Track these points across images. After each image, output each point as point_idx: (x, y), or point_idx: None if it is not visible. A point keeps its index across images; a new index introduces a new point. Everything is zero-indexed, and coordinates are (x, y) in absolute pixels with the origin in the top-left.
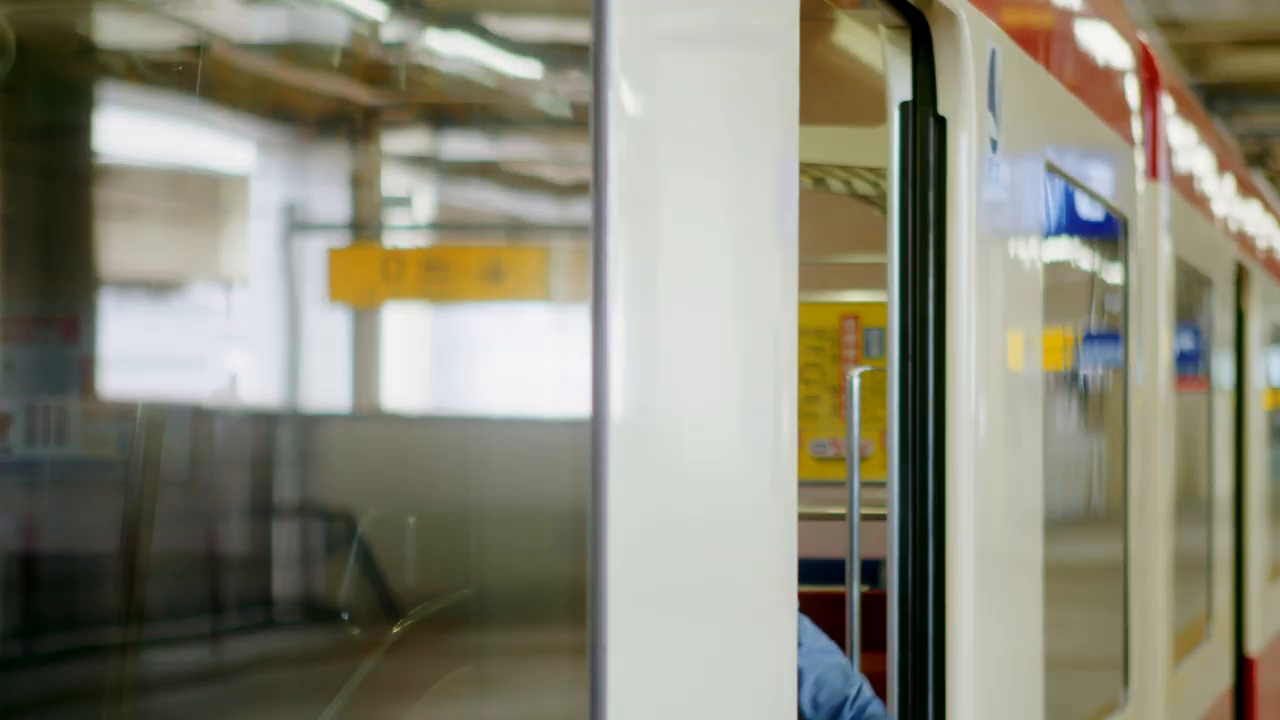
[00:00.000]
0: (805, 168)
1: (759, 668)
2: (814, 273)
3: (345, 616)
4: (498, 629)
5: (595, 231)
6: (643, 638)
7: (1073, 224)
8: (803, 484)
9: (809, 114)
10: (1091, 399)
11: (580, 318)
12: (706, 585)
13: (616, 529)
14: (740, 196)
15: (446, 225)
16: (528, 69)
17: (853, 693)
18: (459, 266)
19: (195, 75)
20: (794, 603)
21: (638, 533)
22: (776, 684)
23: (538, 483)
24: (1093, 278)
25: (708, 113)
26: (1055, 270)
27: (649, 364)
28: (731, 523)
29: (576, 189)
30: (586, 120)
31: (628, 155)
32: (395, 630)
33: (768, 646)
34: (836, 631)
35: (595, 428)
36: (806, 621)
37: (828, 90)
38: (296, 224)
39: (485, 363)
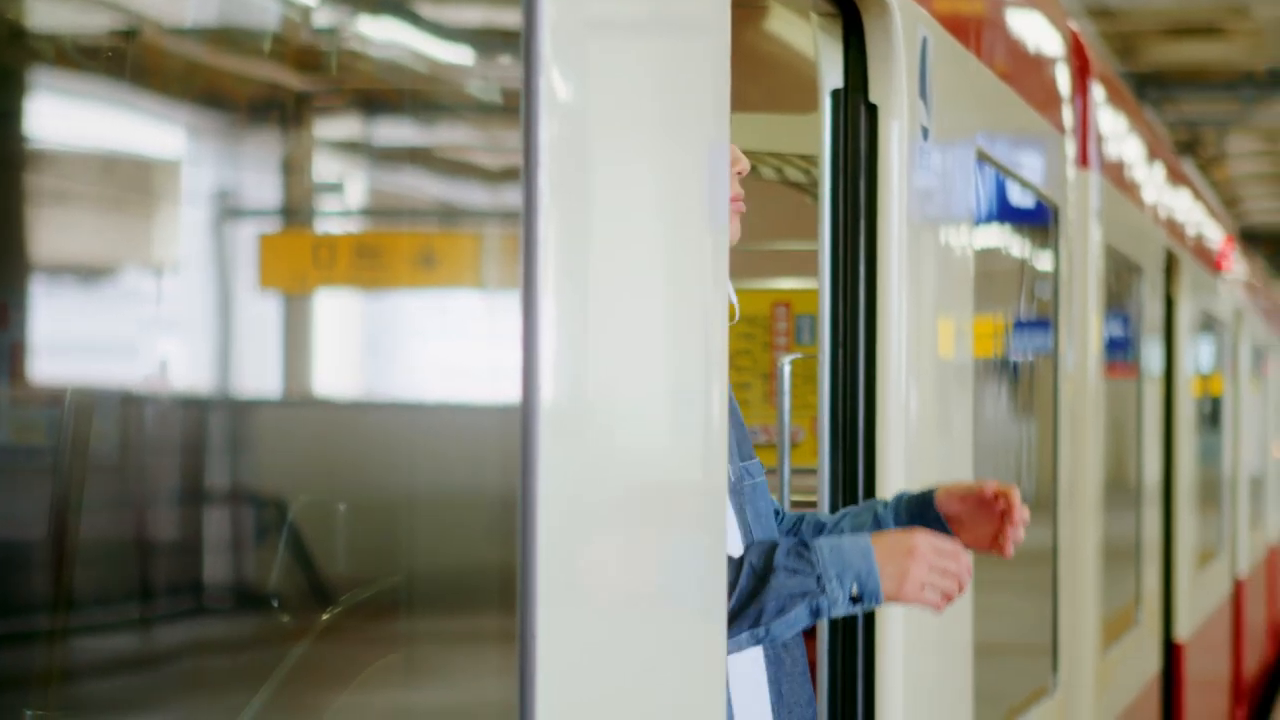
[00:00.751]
0: None
1: (690, 653)
2: (746, 260)
3: (275, 603)
4: (428, 615)
5: (526, 218)
6: (572, 624)
7: (1003, 211)
8: None
9: (741, 101)
10: (1022, 386)
11: (511, 304)
12: (637, 571)
13: (546, 515)
14: (672, 183)
15: (378, 211)
16: (459, 55)
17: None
18: (391, 252)
19: (125, 60)
20: (724, 589)
21: (568, 519)
22: (707, 668)
23: (468, 469)
24: (1023, 265)
25: (639, 99)
26: (986, 257)
27: (579, 350)
28: (662, 509)
29: (508, 175)
30: (518, 106)
31: (559, 142)
32: (325, 617)
33: (699, 632)
34: None
35: (525, 414)
36: None
37: (760, 77)
38: (227, 210)
39: (417, 349)
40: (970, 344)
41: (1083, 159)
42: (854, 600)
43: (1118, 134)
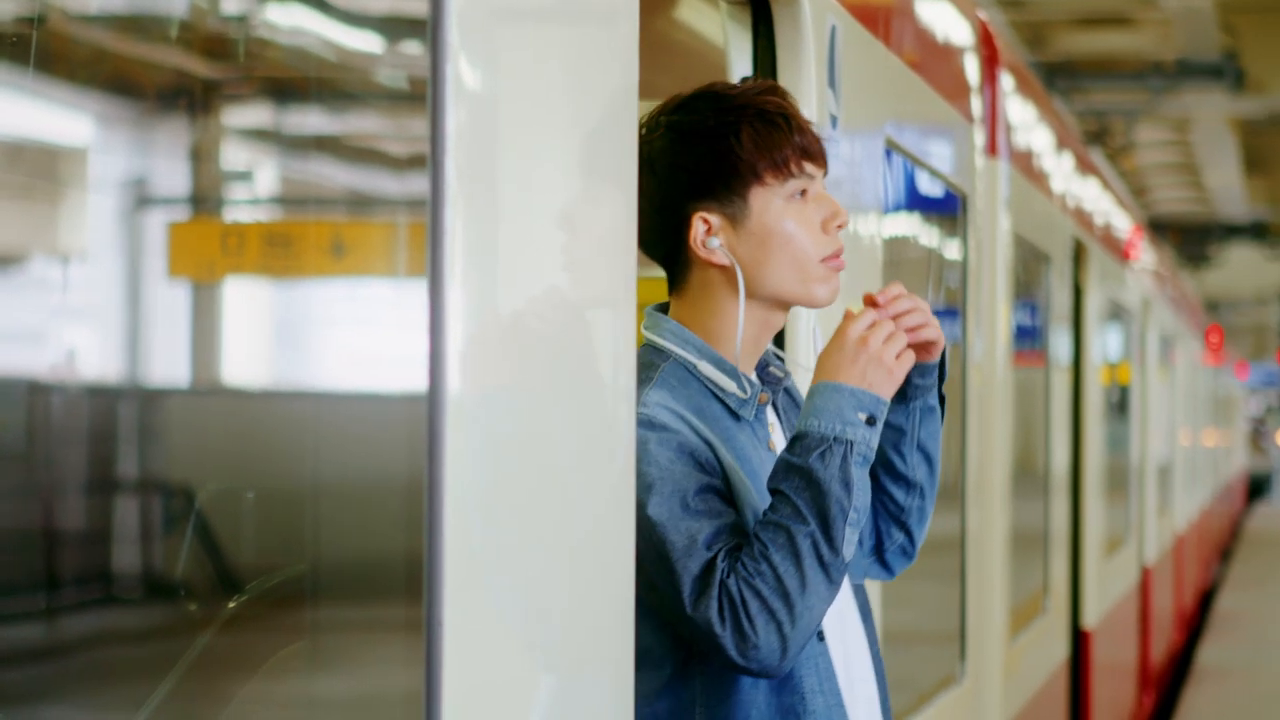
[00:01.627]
0: None
1: (597, 642)
2: None
3: (182, 592)
4: (334, 604)
5: (433, 206)
6: (480, 613)
7: (912, 200)
8: None
9: (651, 90)
10: None
11: (419, 293)
12: (544, 559)
13: (453, 504)
14: (580, 172)
15: (287, 200)
16: (367, 43)
17: None
18: (300, 241)
19: (31, 47)
20: (632, 575)
21: (474, 508)
22: (615, 658)
23: (376, 458)
24: (932, 254)
25: (548, 88)
26: (895, 246)
27: (486, 339)
28: (569, 497)
29: (416, 164)
30: (425, 95)
31: (466, 130)
32: (232, 605)
33: (606, 620)
34: None
35: (432, 403)
36: None
37: (669, 66)
38: (135, 198)
39: (325, 338)
40: None
41: (991, 148)
42: (871, 423)
43: (1026, 123)
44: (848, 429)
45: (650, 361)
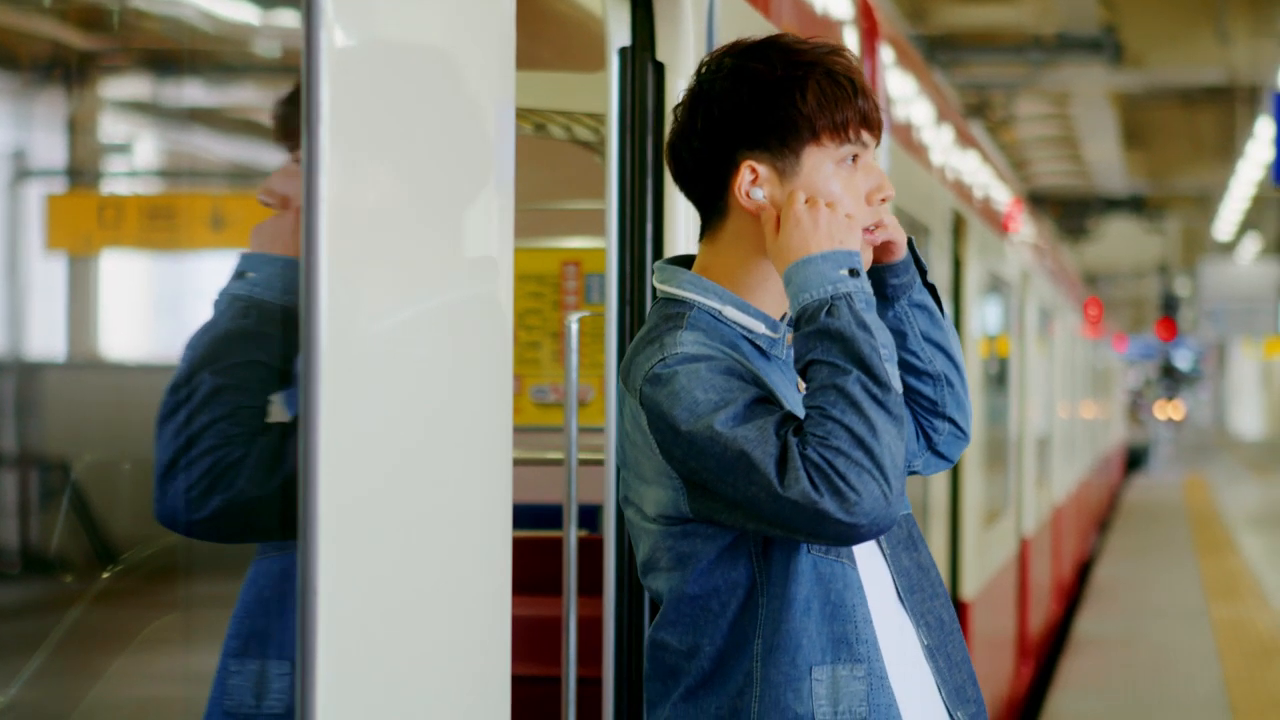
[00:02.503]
0: (526, 113)
1: (473, 611)
2: (536, 219)
3: (58, 565)
4: (208, 575)
5: (308, 175)
6: (354, 582)
7: None
8: (524, 430)
9: (530, 59)
10: None
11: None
12: (420, 531)
13: (328, 475)
14: (457, 142)
15: (165, 172)
16: (241, 12)
17: None
18: (178, 214)
19: None
20: (509, 548)
21: (350, 478)
22: (491, 626)
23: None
24: None
25: (423, 58)
26: None
27: (361, 309)
28: (447, 469)
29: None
30: (299, 65)
31: (341, 99)
32: (105, 577)
33: (482, 589)
34: (553, 576)
35: (307, 374)
36: None
37: (548, 36)
38: (12, 171)
39: (203, 310)
40: None
41: None
42: (854, 274)
43: (906, 96)
44: (839, 285)
45: (673, 312)
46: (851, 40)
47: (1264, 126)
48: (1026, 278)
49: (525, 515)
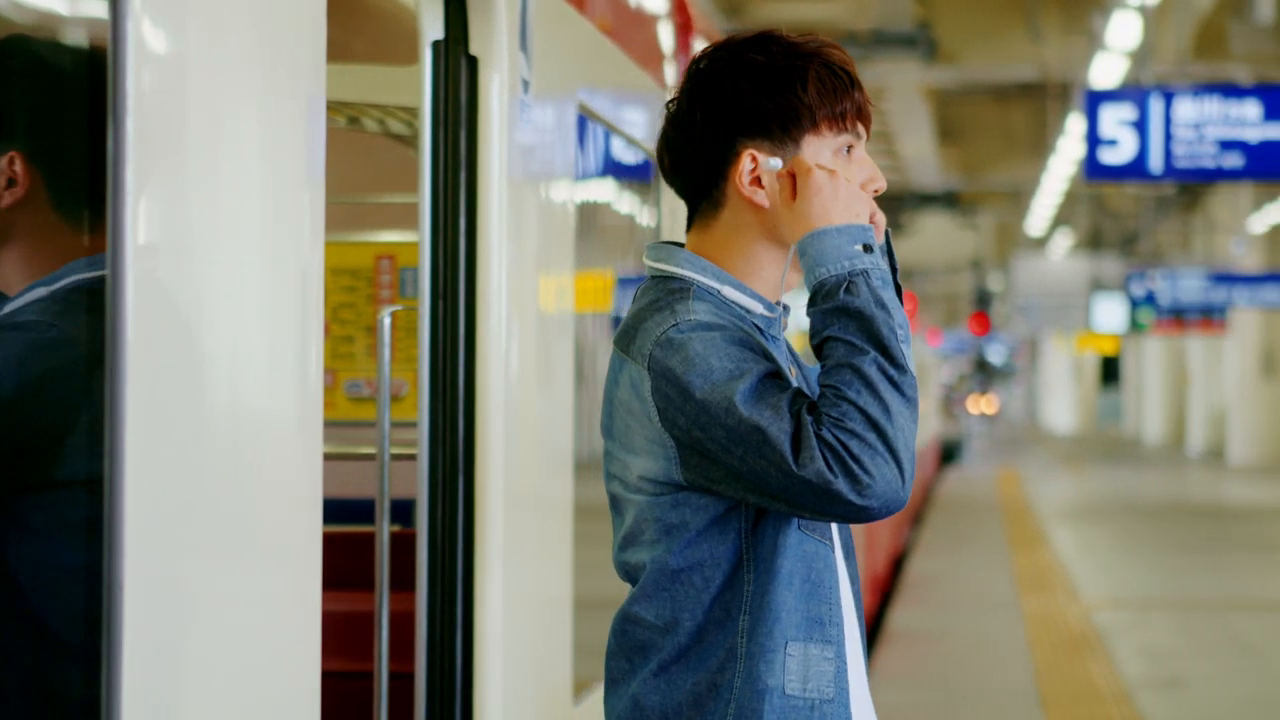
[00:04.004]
0: (339, 106)
1: (282, 607)
2: (350, 212)
3: None
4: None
5: (114, 168)
6: (163, 577)
7: (606, 166)
8: (339, 424)
9: (343, 52)
10: None
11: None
12: (231, 526)
13: (135, 469)
14: (267, 135)
15: None
16: (49, 2)
17: None
18: None
19: None
20: (319, 543)
21: (159, 473)
22: (301, 622)
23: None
24: (627, 220)
25: (233, 50)
26: (589, 212)
27: (172, 305)
28: (257, 464)
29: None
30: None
31: (148, 92)
32: None
33: (292, 585)
34: (366, 571)
35: (113, 371)
36: None
37: (361, 28)
38: None
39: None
40: (572, 298)
41: None
42: (869, 250)
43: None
44: (856, 261)
45: (675, 286)
46: (666, 35)
47: (1075, 123)
48: None
49: (339, 510)
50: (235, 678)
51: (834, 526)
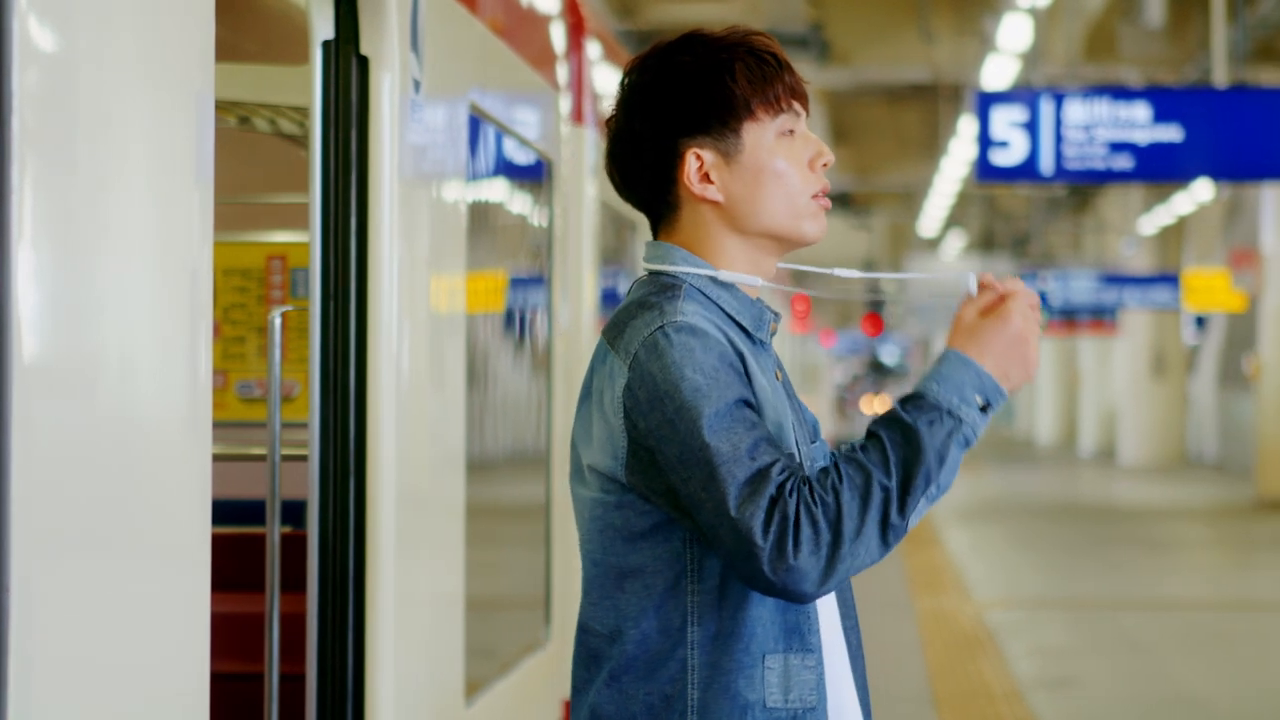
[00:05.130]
0: (230, 106)
1: (173, 606)
2: (241, 212)
3: None
4: None
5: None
6: (50, 578)
7: (499, 167)
8: (230, 425)
9: (235, 52)
10: (519, 342)
11: None
12: (119, 526)
13: (21, 470)
14: (156, 135)
15: None
16: None
17: None
18: None
19: None
20: (208, 543)
21: (45, 473)
22: (189, 623)
23: None
24: (520, 221)
25: (121, 50)
26: (481, 212)
27: (59, 304)
28: (146, 464)
29: None
30: None
31: (35, 90)
32: None
33: (182, 585)
34: (256, 572)
35: (1, 373)
36: None
37: (251, 28)
38: None
39: None
40: (464, 299)
41: (578, 115)
42: (984, 409)
43: (613, 91)
44: (963, 407)
45: (666, 283)
46: (558, 35)
47: (967, 124)
48: None
49: (230, 511)
50: (122, 680)
51: None
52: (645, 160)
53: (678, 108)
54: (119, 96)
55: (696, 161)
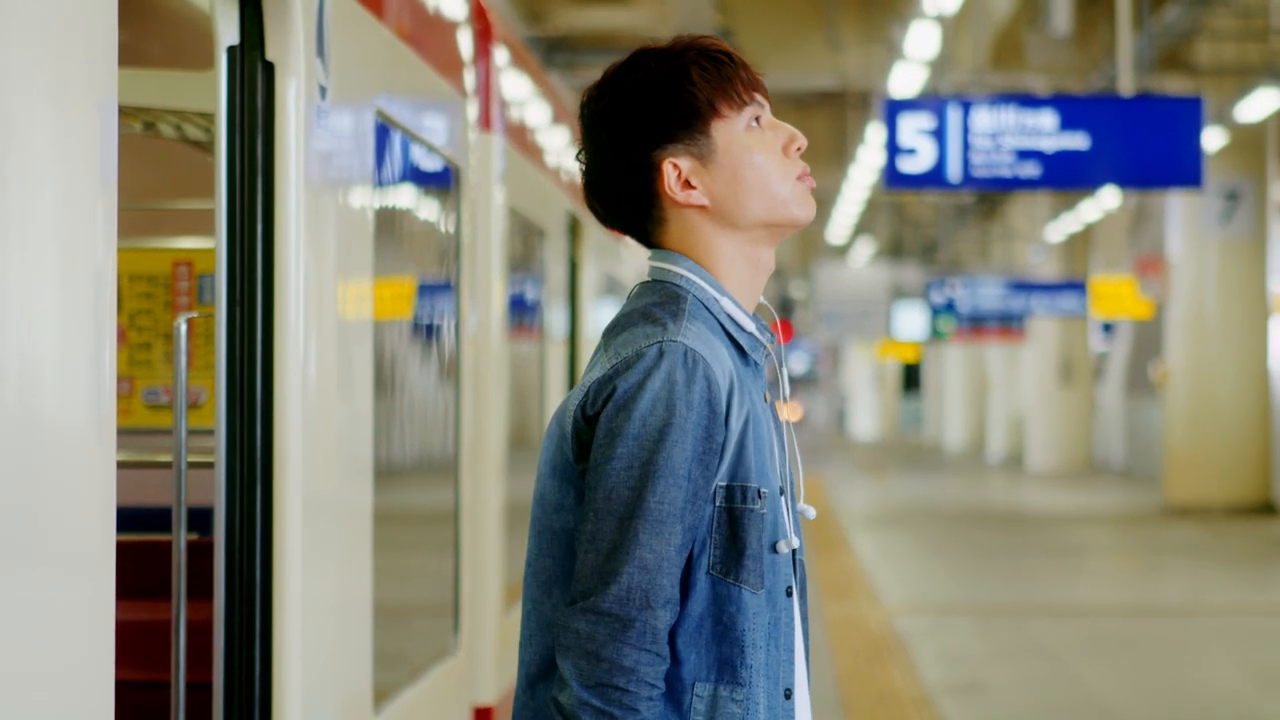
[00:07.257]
0: (136, 111)
1: (77, 614)
2: (147, 218)
3: None
4: None
5: None
6: None
7: (406, 173)
8: (136, 432)
9: (140, 57)
10: (427, 348)
11: None
12: (21, 533)
13: None
14: (58, 140)
15: None
16: None
17: None
18: None
19: None
20: (113, 550)
21: None
22: (92, 632)
23: None
24: (428, 227)
25: (22, 54)
26: (388, 219)
27: None
28: (49, 471)
29: None
30: None
31: None
32: None
33: (86, 592)
34: (162, 580)
35: None
36: None
37: (156, 33)
38: None
39: None
40: (371, 306)
41: (485, 122)
42: None
43: (521, 98)
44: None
45: (674, 294)
46: (466, 41)
47: (875, 131)
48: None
49: (135, 518)
50: (25, 689)
51: (774, 569)
52: (623, 182)
53: (644, 122)
54: (20, 101)
55: (674, 170)
